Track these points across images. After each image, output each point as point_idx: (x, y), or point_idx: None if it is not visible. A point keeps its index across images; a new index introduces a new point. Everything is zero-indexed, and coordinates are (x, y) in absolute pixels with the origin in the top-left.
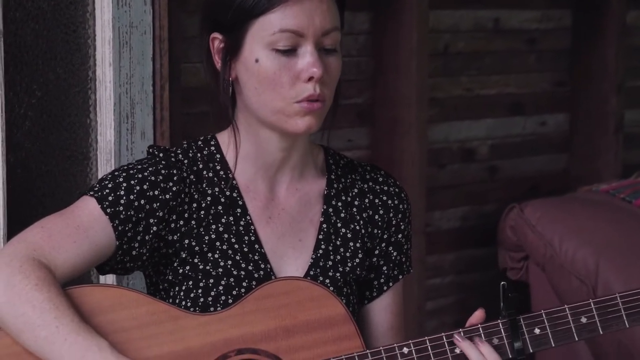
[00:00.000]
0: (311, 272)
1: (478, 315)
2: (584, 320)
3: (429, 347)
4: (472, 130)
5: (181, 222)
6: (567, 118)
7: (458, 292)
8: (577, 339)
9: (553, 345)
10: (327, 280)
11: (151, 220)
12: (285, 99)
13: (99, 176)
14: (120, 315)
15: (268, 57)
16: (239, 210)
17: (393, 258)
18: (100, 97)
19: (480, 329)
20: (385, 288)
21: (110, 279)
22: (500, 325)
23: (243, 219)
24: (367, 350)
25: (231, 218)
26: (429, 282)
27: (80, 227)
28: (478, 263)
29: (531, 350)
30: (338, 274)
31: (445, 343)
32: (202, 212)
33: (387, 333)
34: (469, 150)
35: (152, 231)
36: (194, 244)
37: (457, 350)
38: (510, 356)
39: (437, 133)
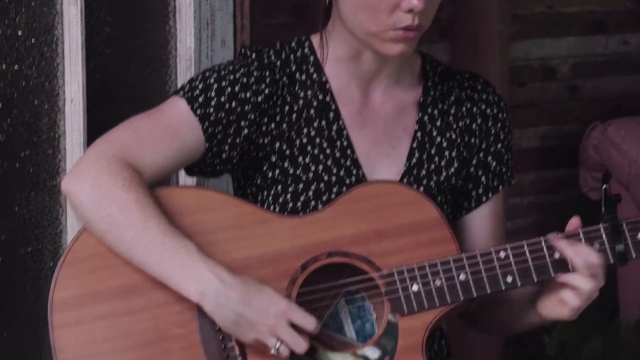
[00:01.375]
0: (404, 181)
1: (574, 222)
2: None
3: (526, 251)
4: (553, 48)
5: (272, 125)
6: None
7: (537, 213)
8: None
9: None
10: (421, 189)
11: (242, 123)
12: (381, 25)
13: (178, 84)
14: (207, 217)
15: None
16: (331, 114)
17: (492, 168)
18: (180, 3)
19: (581, 233)
20: (484, 199)
21: (190, 182)
22: (602, 230)
23: (335, 124)
24: (463, 254)
25: (323, 122)
26: (509, 201)
27: (169, 128)
28: (558, 183)
29: (634, 256)
30: (432, 183)
31: (544, 248)
32: (294, 116)
33: (488, 243)
34: (549, 69)
35: (243, 134)
36: (284, 147)
37: (556, 256)
38: (612, 261)
39: (517, 50)
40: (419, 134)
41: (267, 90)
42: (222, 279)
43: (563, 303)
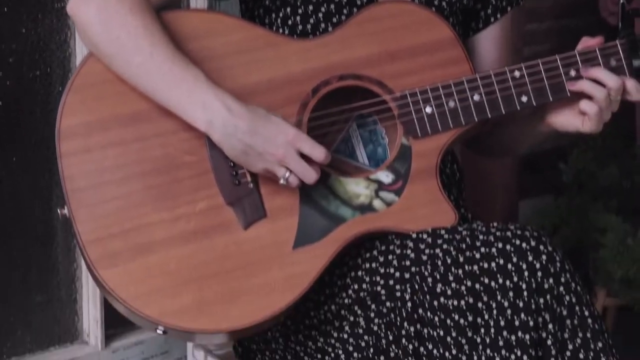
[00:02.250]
0: (415, 0)
1: (596, 40)
2: None
3: (542, 70)
4: None
5: None
6: None
7: (555, 38)
8: None
9: None
10: (432, 9)
11: None
12: None
13: None
14: (216, 41)
15: None
16: None
17: None
18: None
19: (597, 50)
20: (492, 20)
21: (201, 5)
22: (619, 46)
23: None
24: (477, 75)
25: None
26: (527, 27)
27: None
28: (577, 8)
29: None
30: (444, 3)
31: (560, 66)
32: None
33: (495, 66)
34: None
35: None
36: None
37: (572, 74)
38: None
39: None
40: None
41: None
42: (230, 107)
43: (582, 115)
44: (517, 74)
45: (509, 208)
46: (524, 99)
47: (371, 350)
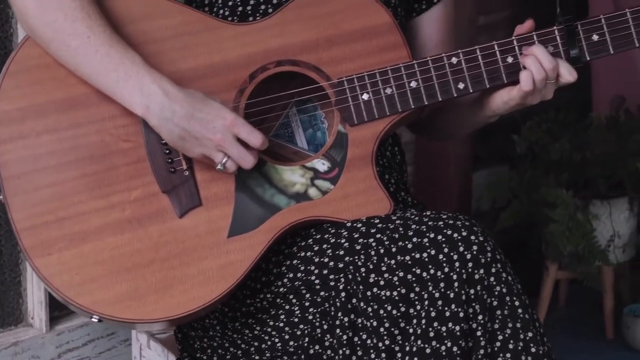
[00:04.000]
0: None
1: (527, 25)
2: None
3: (479, 56)
4: None
5: None
6: None
7: (512, 7)
8: (637, 44)
9: (612, 52)
10: None
11: None
12: None
13: None
14: (152, 25)
15: None
16: None
17: None
18: None
19: (535, 36)
20: (435, 0)
21: None
22: (556, 32)
23: None
24: (414, 61)
25: None
26: None
27: None
28: None
29: (588, 58)
30: None
31: (497, 52)
32: None
33: (438, 47)
34: None
35: None
36: None
37: (509, 60)
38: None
39: None
40: None
41: None
42: (167, 92)
43: (512, 87)
44: (454, 60)
45: (463, 179)
46: (461, 85)
47: (306, 339)
